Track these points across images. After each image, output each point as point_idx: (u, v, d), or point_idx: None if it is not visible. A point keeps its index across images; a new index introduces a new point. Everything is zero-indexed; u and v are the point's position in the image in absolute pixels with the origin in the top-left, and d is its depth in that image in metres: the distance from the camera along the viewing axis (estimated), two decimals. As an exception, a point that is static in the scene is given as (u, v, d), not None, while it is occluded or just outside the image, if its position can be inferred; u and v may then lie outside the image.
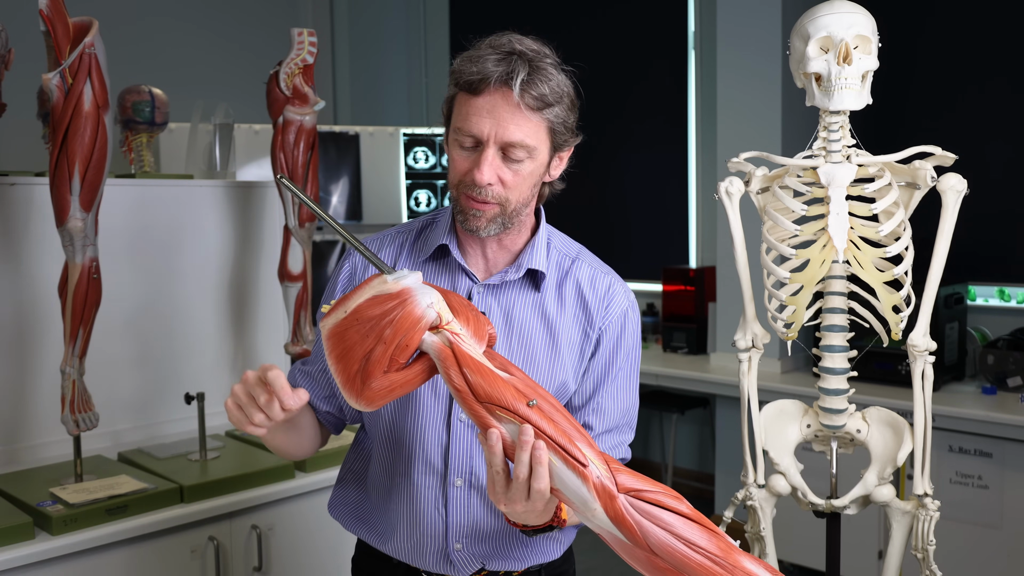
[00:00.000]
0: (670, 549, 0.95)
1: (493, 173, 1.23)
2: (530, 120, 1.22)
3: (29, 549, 1.73)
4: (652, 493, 0.99)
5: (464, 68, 1.22)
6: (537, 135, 1.23)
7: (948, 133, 3.71)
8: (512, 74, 1.19)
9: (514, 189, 1.25)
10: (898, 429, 1.74)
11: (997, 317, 3.57)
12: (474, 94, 1.22)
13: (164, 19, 4.89)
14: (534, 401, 1.02)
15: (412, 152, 4.51)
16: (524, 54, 1.22)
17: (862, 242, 1.71)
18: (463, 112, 1.23)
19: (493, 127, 1.21)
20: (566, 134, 1.28)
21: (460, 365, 1.03)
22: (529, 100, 1.20)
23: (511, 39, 1.24)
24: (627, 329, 1.39)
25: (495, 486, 1.05)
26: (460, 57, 1.25)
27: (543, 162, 1.28)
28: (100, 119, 1.84)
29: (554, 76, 1.23)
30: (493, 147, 1.22)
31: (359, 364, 1.04)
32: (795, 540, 3.32)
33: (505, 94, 1.20)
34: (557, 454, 1.00)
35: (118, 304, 2.32)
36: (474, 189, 1.24)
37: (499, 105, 1.20)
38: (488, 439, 1.01)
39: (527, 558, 1.39)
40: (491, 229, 1.28)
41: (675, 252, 4.64)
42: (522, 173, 1.25)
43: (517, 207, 1.28)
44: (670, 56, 4.63)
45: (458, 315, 1.08)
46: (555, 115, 1.24)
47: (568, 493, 1.01)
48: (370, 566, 1.45)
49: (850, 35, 1.64)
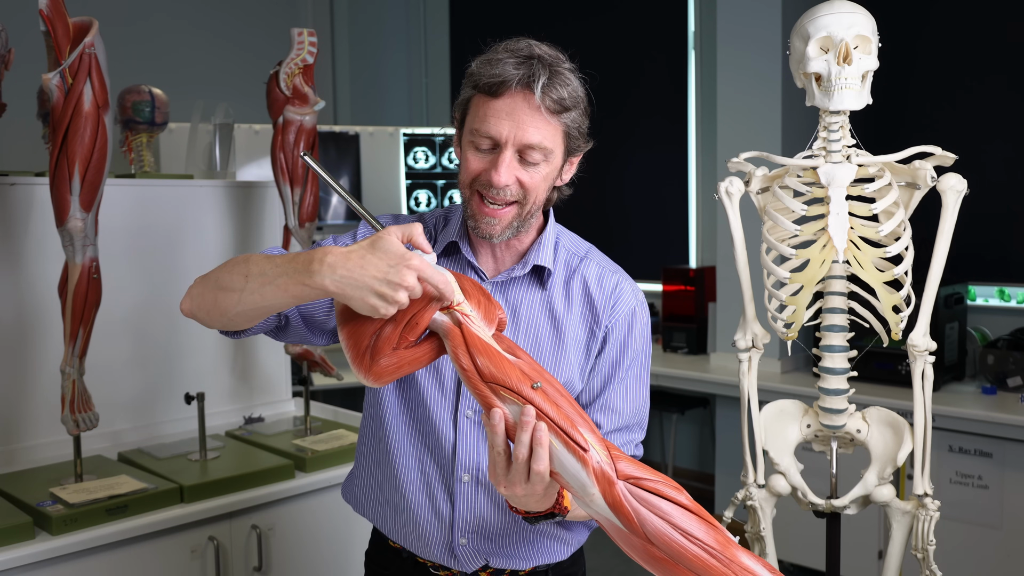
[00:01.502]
0: (667, 538, 0.95)
1: (511, 175, 1.24)
2: (549, 124, 1.23)
3: (29, 549, 1.72)
4: (652, 482, 0.99)
5: (483, 70, 1.23)
6: (554, 139, 1.25)
7: (948, 133, 3.71)
8: (533, 77, 1.21)
9: (532, 191, 1.26)
10: (898, 429, 1.74)
11: (997, 317, 3.57)
12: (493, 96, 1.22)
13: (164, 19, 4.89)
14: (538, 383, 1.03)
15: (412, 152, 4.51)
16: (543, 59, 1.23)
17: (862, 242, 1.71)
18: (481, 114, 1.24)
19: (512, 129, 1.22)
20: (579, 139, 1.30)
21: (468, 345, 1.04)
22: (549, 103, 1.22)
23: (529, 43, 1.25)
24: (635, 328, 1.39)
25: (496, 467, 1.05)
26: (478, 60, 1.26)
27: (557, 166, 1.29)
28: (100, 119, 1.84)
29: (571, 81, 1.25)
30: (511, 149, 1.23)
31: (369, 340, 1.06)
32: (795, 540, 3.32)
33: (526, 96, 1.21)
34: (558, 437, 1.00)
35: (118, 304, 2.32)
36: (490, 190, 1.24)
37: (519, 108, 1.22)
38: (491, 418, 1.02)
39: (532, 557, 1.39)
40: (505, 235, 1.29)
41: (675, 252, 4.64)
42: (538, 175, 1.26)
43: (532, 209, 1.29)
44: (670, 56, 4.63)
45: (469, 297, 1.09)
46: (571, 120, 1.26)
47: (567, 476, 1.01)
48: (382, 558, 1.47)
49: (850, 35, 1.64)
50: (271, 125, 2.40)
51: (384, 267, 1.01)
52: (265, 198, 2.65)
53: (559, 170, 1.30)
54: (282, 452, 2.24)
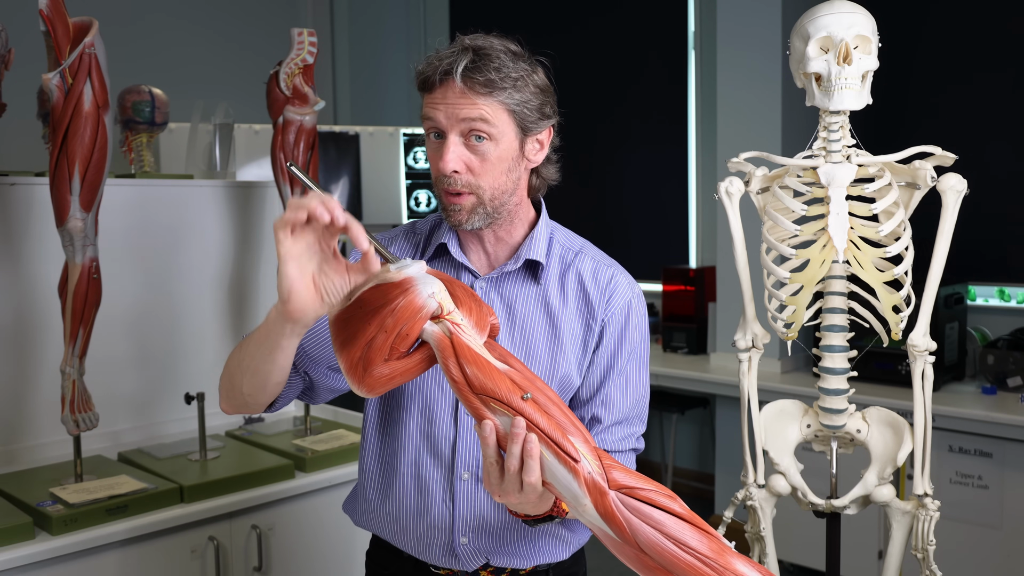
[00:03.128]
0: (659, 548, 0.95)
1: (458, 160, 1.26)
2: (480, 104, 1.24)
3: (29, 549, 1.72)
4: (645, 491, 0.98)
5: (419, 71, 1.29)
6: (495, 116, 1.25)
7: (948, 133, 3.71)
8: (455, 63, 1.24)
9: (484, 175, 1.27)
10: (898, 429, 1.74)
11: (997, 317, 3.57)
12: (429, 91, 1.27)
13: (164, 19, 4.89)
14: (528, 395, 1.02)
15: (412, 152, 4.51)
16: (471, 46, 1.26)
17: (862, 242, 1.71)
18: (423, 109, 1.28)
19: (446, 112, 1.25)
20: (532, 116, 1.29)
21: (457, 356, 1.04)
22: (475, 86, 1.24)
23: (465, 38, 1.28)
24: (631, 321, 1.38)
25: (490, 477, 1.06)
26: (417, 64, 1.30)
27: (511, 146, 1.29)
28: (100, 119, 1.84)
29: (505, 62, 1.25)
30: (453, 134, 1.26)
31: (361, 351, 1.05)
32: (795, 540, 3.32)
33: (452, 83, 1.25)
34: (549, 448, 1.00)
35: (118, 304, 2.32)
36: (445, 180, 1.27)
37: (449, 94, 1.25)
38: (482, 430, 1.03)
39: (533, 556, 1.39)
40: (475, 221, 1.30)
41: (675, 252, 4.64)
42: (489, 158, 1.27)
43: (494, 194, 1.29)
44: (670, 55, 4.63)
45: (461, 305, 1.09)
46: (510, 98, 1.26)
47: (559, 487, 1.01)
48: (383, 559, 1.47)
49: (850, 35, 1.64)
50: (271, 125, 2.40)
51: (285, 223, 1.02)
52: (265, 198, 2.65)
53: (518, 150, 1.30)
54: (282, 452, 2.25)
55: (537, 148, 1.33)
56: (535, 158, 1.34)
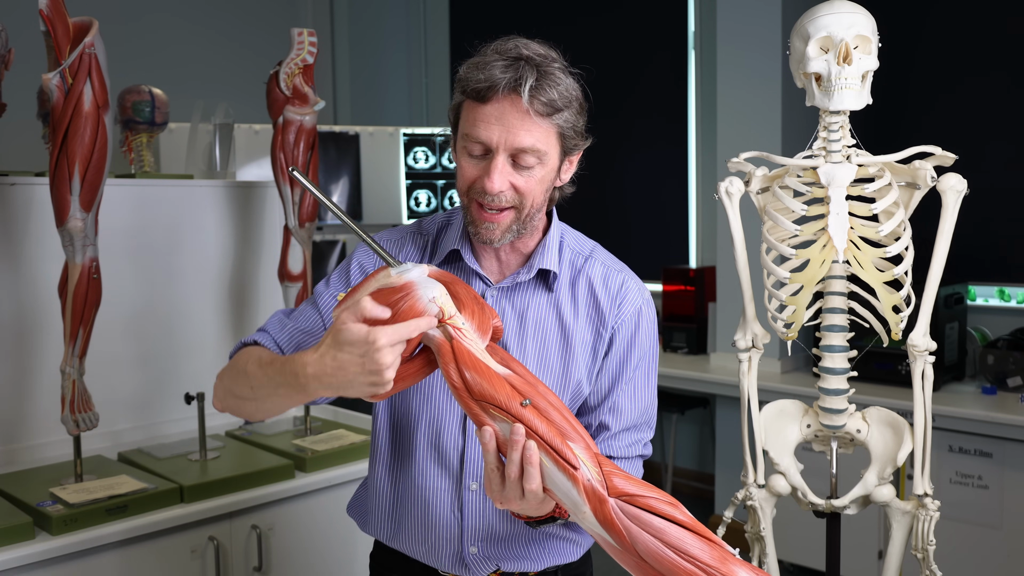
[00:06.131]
0: (659, 556, 0.95)
1: (504, 180, 1.21)
2: (540, 126, 1.20)
3: (29, 549, 1.72)
4: (646, 499, 0.98)
5: (471, 75, 1.21)
6: (547, 141, 1.22)
7: (948, 133, 3.70)
8: (520, 80, 1.18)
9: (527, 195, 1.24)
10: (898, 429, 1.74)
11: (997, 317, 3.57)
12: (482, 102, 1.20)
13: (164, 19, 4.89)
14: (528, 401, 1.02)
15: (412, 152, 4.51)
16: (531, 59, 1.20)
17: (862, 242, 1.71)
18: (471, 119, 1.21)
19: (503, 134, 1.19)
20: (576, 138, 1.27)
21: (457, 361, 1.03)
22: (538, 106, 1.19)
23: (517, 44, 1.22)
24: (641, 327, 1.38)
25: (491, 483, 1.06)
26: (466, 64, 1.23)
27: (554, 167, 1.26)
28: (100, 119, 1.84)
29: (563, 80, 1.22)
30: (503, 154, 1.20)
31: None
32: (795, 540, 3.32)
33: (514, 101, 1.18)
34: (548, 455, 1.00)
35: (118, 304, 2.32)
36: (485, 197, 1.22)
37: (508, 112, 1.19)
38: (482, 437, 1.02)
39: (543, 559, 1.38)
40: (506, 238, 1.27)
41: (675, 252, 4.64)
42: (534, 179, 1.24)
43: (531, 212, 1.27)
44: (670, 55, 4.63)
45: (463, 308, 1.08)
46: (564, 120, 1.23)
47: (559, 494, 1.01)
48: (388, 560, 1.45)
49: (850, 35, 1.64)
50: (271, 125, 2.40)
51: (357, 360, 1.02)
52: (265, 198, 2.65)
53: (556, 171, 1.28)
54: (282, 452, 2.24)
55: (568, 167, 1.31)
56: (565, 176, 1.32)
